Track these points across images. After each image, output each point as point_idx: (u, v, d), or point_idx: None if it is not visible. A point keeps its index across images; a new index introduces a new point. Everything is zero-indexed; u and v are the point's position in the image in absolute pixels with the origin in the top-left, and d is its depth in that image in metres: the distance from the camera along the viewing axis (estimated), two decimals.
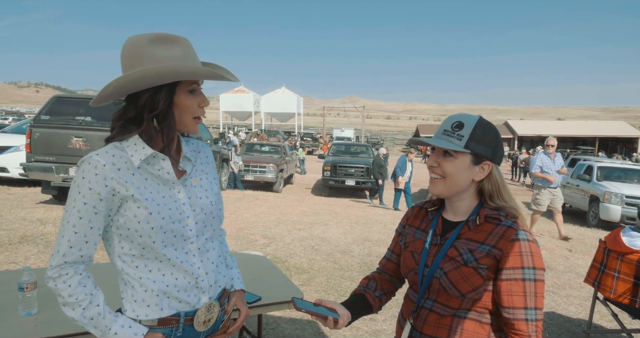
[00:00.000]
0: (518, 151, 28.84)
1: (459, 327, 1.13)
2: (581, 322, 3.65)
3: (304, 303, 1.22)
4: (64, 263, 1.05)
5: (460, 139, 1.13)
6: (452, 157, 1.15)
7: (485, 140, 1.14)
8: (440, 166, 1.17)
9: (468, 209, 1.20)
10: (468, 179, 1.16)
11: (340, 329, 1.25)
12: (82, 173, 1.05)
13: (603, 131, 43.51)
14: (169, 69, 1.04)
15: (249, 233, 5.92)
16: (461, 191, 1.18)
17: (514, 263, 1.08)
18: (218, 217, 1.26)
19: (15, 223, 5.40)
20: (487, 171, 1.17)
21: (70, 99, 6.87)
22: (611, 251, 2.96)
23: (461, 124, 1.15)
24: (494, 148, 1.16)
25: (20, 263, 4.02)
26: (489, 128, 1.16)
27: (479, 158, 1.15)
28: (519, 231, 1.11)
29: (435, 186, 1.19)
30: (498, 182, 1.18)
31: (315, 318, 1.20)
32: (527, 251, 1.09)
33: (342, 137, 35.21)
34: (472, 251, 1.12)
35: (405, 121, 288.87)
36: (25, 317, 1.67)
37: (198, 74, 1.08)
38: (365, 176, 11.63)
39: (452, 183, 1.16)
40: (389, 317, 3.38)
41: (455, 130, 1.15)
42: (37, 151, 6.36)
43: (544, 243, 6.48)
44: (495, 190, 1.17)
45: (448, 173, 1.16)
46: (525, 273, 1.08)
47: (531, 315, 1.08)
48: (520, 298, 1.08)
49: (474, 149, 1.13)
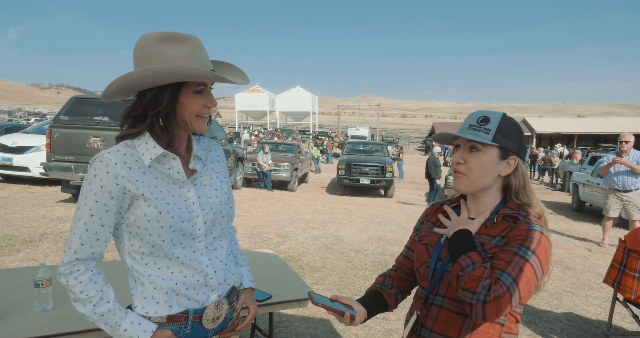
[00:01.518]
0: (536, 148, 28.30)
1: (470, 325, 1.11)
2: (601, 323, 3.55)
3: (321, 298, 1.22)
4: (75, 260, 1.07)
5: (488, 133, 1.13)
6: (479, 152, 1.14)
7: (511, 134, 1.14)
8: (467, 162, 1.16)
9: (490, 206, 1.18)
10: (494, 174, 1.15)
11: (355, 326, 1.25)
12: (94, 171, 1.07)
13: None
14: (168, 70, 1.04)
15: (263, 231, 5.95)
16: (486, 187, 1.17)
17: (514, 240, 1.07)
18: (228, 215, 1.26)
19: (36, 221, 5.54)
20: (514, 166, 1.15)
21: (88, 100, 7.01)
22: (631, 251, 2.88)
23: (487, 118, 1.15)
24: (519, 142, 1.15)
25: (40, 260, 4.12)
26: (513, 123, 1.16)
27: (506, 152, 1.14)
28: (532, 223, 1.09)
29: (461, 182, 1.17)
30: (525, 177, 1.17)
31: (332, 313, 1.20)
32: (532, 236, 1.06)
33: (357, 136, 35.10)
34: (484, 244, 1.11)
35: (421, 119, 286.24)
36: (40, 312, 1.71)
37: (199, 75, 1.07)
38: (380, 174, 11.57)
39: (479, 178, 1.15)
40: (402, 316, 3.35)
41: (482, 124, 1.14)
42: (56, 151, 6.51)
43: (562, 243, 6.35)
44: (521, 186, 1.16)
45: (474, 167, 1.14)
46: (521, 249, 1.04)
47: (504, 278, 1.00)
48: (503, 263, 1.03)
49: (501, 143, 1.12)
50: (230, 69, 1.22)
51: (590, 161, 12.35)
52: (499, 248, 1.09)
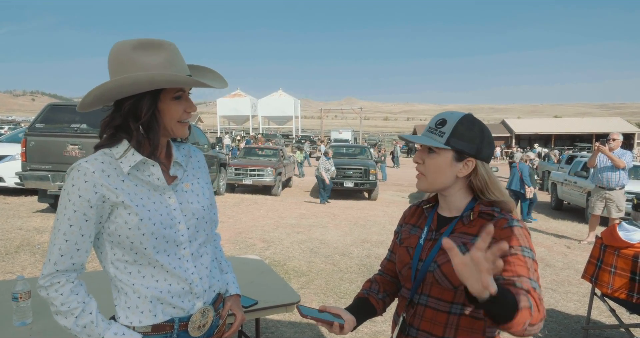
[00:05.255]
0: (514, 148, 28.88)
1: (454, 322, 1.14)
2: (580, 318, 3.65)
3: (309, 310, 1.22)
4: (55, 272, 1.05)
5: (442, 136, 1.15)
6: (435, 154, 1.17)
7: (468, 137, 1.15)
8: (424, 162, 1.19)
9: (461, 205, 1.21)
10: (451, 175, 1.18)
11: (346, 334, 1.25)
12: (72, 180, 1.05)
13: (599, 128, 43.61)
14: (145, 78, 1.03)
15: (248, 237, 5.91)
16: (446, 187, 1.20)
17: (512, 242, 1.10)
18: (211, 221, 1.26)
19: (12, 233, 5.38)
20: (471, 168, 1.18)
21: (65, 107, 6.86)
22: (607, 246, 2.97)
23: (444, 121, 1.17)
24: (479, 144, 1.16)
25: (16, 272, 4.00)
26: (474, 124, 1.17)
27: (461, 155, 1.16)
28: (510, 219, 1.13)
29: (420, 181, 1.22)
30: (485, 178, 1.18)
31: (321, 324, 1.21)
32: (521, 233, 1.11)
33: (340, 139, 35.23)
34: (466, 244, 1.13)
35: (403, 121, 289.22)
36: (19, 326, 1.66)
37: (176, 82, 1.07)
38: (363, 177, 11.63)
39: (435, 178, 1.19)
40: (388, 318, 3.36)
41: (438, 127, 1.17)
42: (32, 160, 6.34)
43: (542, 241, 6.49)
44: (484, 186, 1.18)
45: (430, 168, 1.18)
46: (525, 251, 1.09)
47: (536, 286, 1.04)
48: (524, 269, 1.06)
49: (454, 146, 1.15)
50: (208, 73, 1.22)
51: (568, 161, 12.68)
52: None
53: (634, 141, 42.09)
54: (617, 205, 5.98)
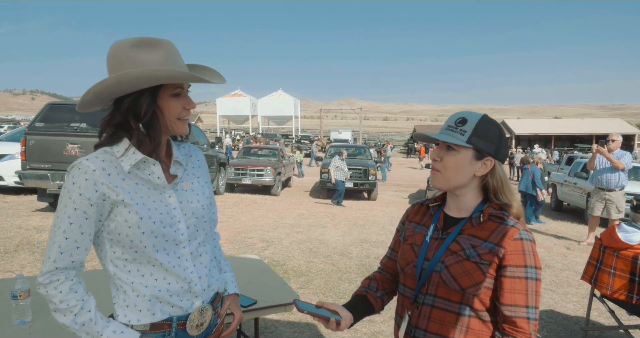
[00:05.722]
0: (516, 149, 28.88)
1: (464, 324, 1.13)
2: (579, 319, 3.65)
3: (306, 304, 1.22)
4: (54, 269, 1.05)
5: (463, 134, 1.15)
6: (455, 151, 1.17)
7: (488, 136, 1.16)
8: (443, 160, 1.19)
9: (471, 206, 1.21)
10: (469, 174, 1.18)
11: (342, 331, 1.25)
12: (72, 179, 1.05)
13: (599, 129, 43.63)
14: (145, 74, 1.03)
15: (247, 236, 5.91)
16: (462, 186, 1.19)
17: (517, 261, 1.10)
18: (210, 220, 1.26)
19: (11, 232, 5.38)
20: (490, 167, 1.18)
21: (64, 106, 6.85)
22: (607, 247, 2.97)
23: (465, 120, 1.17)
24: (497, 144, 1.17)
25: (16, 271, 4.00)
26: (493, 125, 1.18)
27: (481, 154, 1.17)
28: (521, 230, 1.13)
29: (436, 178, 1.22)
30: (502, 179, 1.19)
31: (318, 320, 1.20)
32: (529, 250, 1.11)
33: (339, 139, 35.25)
34: (475, 246, 1.13)
35: (403, 122, 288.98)
36: (19, 325, 1.66)
37: (176, 77, 1.07)
38: (363, 177, 11.63)
39: (453, 176, 1.18)
40: (387, 318, 3.37)
41: (459, 125, 1.17)
42: (32, 159, 6.34)
43: (542, 241, 6.49)
44: (499, 187, 1.18)
45: (449, 166, 1.18)
46: (528, 272, 1.10)
47: (532, 314, 1.10)
48: (523, 297, 1.09)
49: (476, 144, 1.15)
50: (206, 71, 1.22)
51: (568, 162, 12.68)
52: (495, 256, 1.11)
53: (634, 142, 42.11)
54: (617, 206, 5.98)
